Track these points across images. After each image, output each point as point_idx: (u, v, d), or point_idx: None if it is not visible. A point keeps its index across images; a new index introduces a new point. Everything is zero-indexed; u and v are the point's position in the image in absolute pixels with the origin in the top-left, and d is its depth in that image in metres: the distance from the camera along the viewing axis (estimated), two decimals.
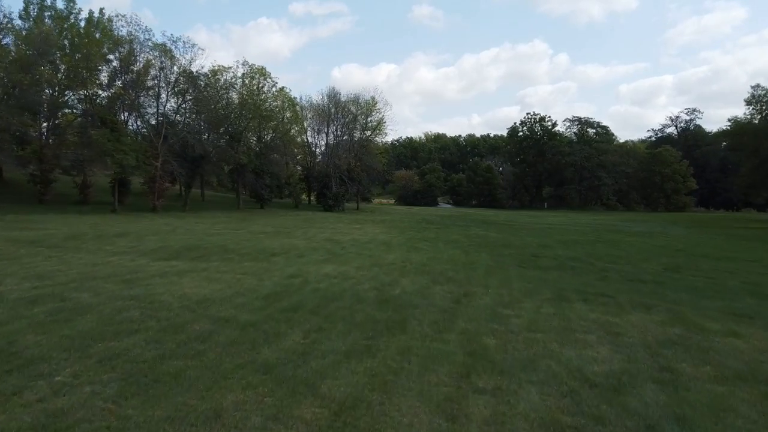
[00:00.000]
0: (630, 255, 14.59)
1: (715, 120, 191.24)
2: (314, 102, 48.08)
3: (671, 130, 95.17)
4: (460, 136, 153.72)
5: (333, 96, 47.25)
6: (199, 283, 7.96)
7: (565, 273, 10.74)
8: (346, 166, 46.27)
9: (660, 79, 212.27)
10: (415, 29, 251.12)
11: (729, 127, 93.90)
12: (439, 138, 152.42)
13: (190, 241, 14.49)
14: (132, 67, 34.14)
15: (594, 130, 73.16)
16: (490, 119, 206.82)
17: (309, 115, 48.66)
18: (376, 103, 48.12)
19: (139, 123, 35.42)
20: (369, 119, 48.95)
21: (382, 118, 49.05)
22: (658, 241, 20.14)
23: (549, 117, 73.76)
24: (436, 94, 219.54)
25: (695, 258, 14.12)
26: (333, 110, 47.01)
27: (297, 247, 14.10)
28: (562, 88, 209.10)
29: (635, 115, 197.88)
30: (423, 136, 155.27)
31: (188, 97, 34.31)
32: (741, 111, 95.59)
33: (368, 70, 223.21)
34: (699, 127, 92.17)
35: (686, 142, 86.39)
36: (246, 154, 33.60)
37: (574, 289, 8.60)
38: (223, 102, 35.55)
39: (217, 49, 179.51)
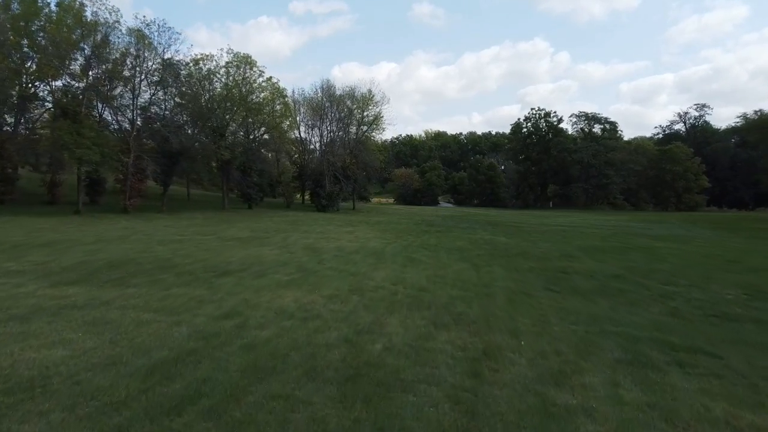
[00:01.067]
0: (680, 270, 11.68)
1: (716, 118, 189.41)
2: (308, 95, 45.18)
3: (679, 126, 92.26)
4: (461, 133, 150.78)
5: (327, 89, 44.36)
6: (59, 337, 5.04)
7: (617, 302, 7.83)
8: (341, 164, 43.38)
9: (661, 77, 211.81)
10: (416, 28, 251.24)
11: (738, 123, 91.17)
12: (439, 136, 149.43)
13: (129, 253, 11.59)
14: (106, 55, 31.36)
15: (601, 126, 70.11)
16: (491, 118, 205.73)
17: (302, 110, 45.74)
18: (373, 96, 45.23)
19: (116, 116, 32.53)
20: (366, 114, 46.05)
21: (379, 113, 46.16)
22: (698, 249, 17.22)
23: (554, 112, 70.77)
24: (436, 92, 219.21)
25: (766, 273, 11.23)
26: (327, 104, 44.09)
27: (262, 261, 11.21)
28: (562, 87, 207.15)
29: (636, 114, 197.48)
30: (423, 134, 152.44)
31: (167, 88, 31.42)
32: (744, 108, 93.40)
33: (369, 69, 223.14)
34: (707, 123, 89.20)
35: (695, 139, 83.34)
36: (229, 149, 30.59)
37: (648, 337, 5.69)
38: (206, 93, 32.62)
39: (216, 48, 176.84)
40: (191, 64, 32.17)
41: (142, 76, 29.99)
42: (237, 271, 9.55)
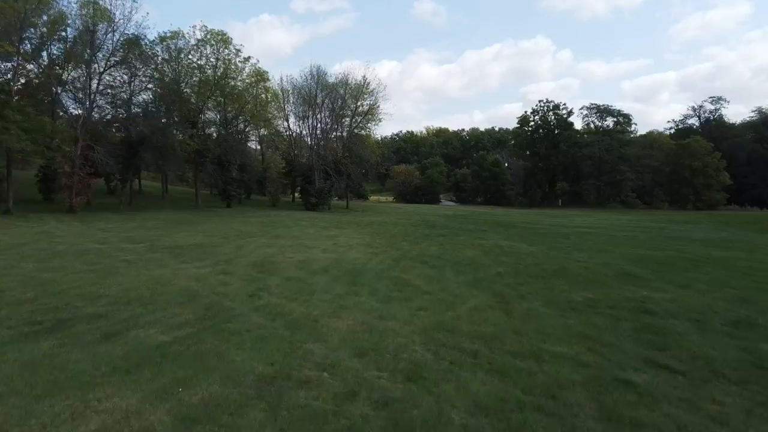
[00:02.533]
0: None
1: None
2: (297, 83, 40.79)
3: (692, 121, 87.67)
4: (463, 129, 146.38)
5: (318, 76, 40.04)
6: None
7: None
8: (333, 158, 39.18)
9: (663, 75, 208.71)
10: (417, 25, 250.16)
11: (753, 118, 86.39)
12: (441, 132, 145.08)
13: None
14: (62, 33, 27.30)
15: (614, 119, 65.65)
16: (492, 116, 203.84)
17: (292, 99, 41.48)
18: (368, 84, 40.98)
19: (74, 101, 28.37)
20: (360, 103, 41.81)
21: (375, 103, 41.93)
22: None
23: (563, 104, 66.39)
24: (437, 90, 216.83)
25: None
26: (318, 92, 39.80)
27: (160, 291, 7.04)
28: (564, 85, 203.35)
29: (638, 112, 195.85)
30: (424, 131, 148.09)
31: (131, 69, 27.24)
32: (746, 107, 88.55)
33: (370, 67, 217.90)
34: (722, 117, 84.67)
35: (710, 134, 78.81)
36: (195, 137, 26.33)
37: None
38: (175, 75, 28.41)
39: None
40: (158, 41, 27.97)
41: (98, 54, 25.83)
42: (83, 320, 5.36)
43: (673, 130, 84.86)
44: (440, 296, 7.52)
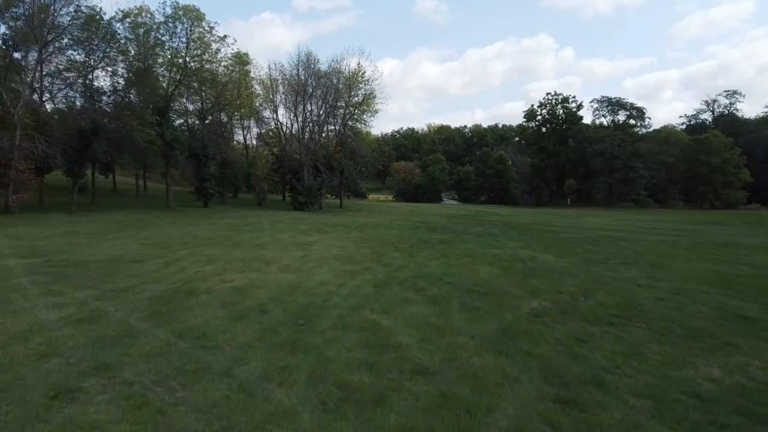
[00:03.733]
0: None
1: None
2: (286, 72, 37.06)
3: (706, 116, 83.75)
4: (465, 126, 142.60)
5: (307, 63, 36.34)
6: None
7: None
8: (324, 152, 35.63)
9: (666, 73, 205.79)
10: (419, 24, 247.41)
11: None
12: (442, 129, 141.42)
13: None
14: (16, 9, 23.84)
15: (627, 113, 61.82)
16: (494, 115, 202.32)
17: (281, 89, 37.84)
18: (363, 72, 37.36)
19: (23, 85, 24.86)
20: (354, 93, 38.18)
21: (371, 91, 38.30)
22: None
23: (573, 97, 62.55)
24: (439, 89, 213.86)
25: None
26: (307, 80, 36.13)
27: None
28: (566, 83, 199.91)
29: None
30: (426, 128, 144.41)
31: (89, 48, 23.71)
32: (749, 105, 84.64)
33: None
34: (735, 112, 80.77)
35: (725, 129, 74.96)
36: (154, 126, 22.70)
37: None
38: (144, 56, 24.85)
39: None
40: (119, 18, 24.43)
41: (46, 31, 22.31)
42: None
43: (684, 126, 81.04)
44: (446, 379, 3.99)
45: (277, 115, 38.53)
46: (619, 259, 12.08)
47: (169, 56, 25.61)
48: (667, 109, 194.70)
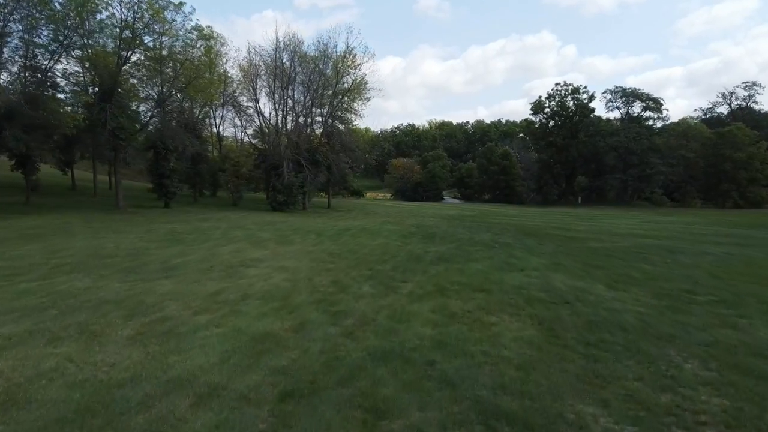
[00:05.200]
0: None
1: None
2: (267, 56, 32.62)
3: (722, 109, 79.02)
4: (467, 122, 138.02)
5: (292, 47, 31.93)
6: None
7: None
8: (308, 145, 31.38)
9: (669, 71, 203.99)
10: (421, 21, 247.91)
11: None
12: (444, 125, 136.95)
13: None
14: None
15: (643, 104, 57.24)
16: (497, 112, 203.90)
17: (263, 75, 33.47)
18: (354, 55, 33.05)
19: None
20: (345, 79, 33.92)
21: (362, 78, 34.02)
22: None
23: (584, 87, 58.02)
24: (441, 86, 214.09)
25: None
26: (293, 64, 31.77)
27: None
28: (569, 81, 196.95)
29: None
30: (427, 124, 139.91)
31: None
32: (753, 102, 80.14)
33: (373, 63, 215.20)
34: (754, 105, 76.09)
35: (744, 122, 70.36)
36: (72, 108, 18.38)
37: None
38: (75, 22, 20.57)
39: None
40: None
41: None
42: None
43: (698, 120, 76.39)
44: None
45: (258, 105, 34.30)
46: (707, 293, 7.81)
47: (116, 27, 21.36)
48: (671, 106, 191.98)
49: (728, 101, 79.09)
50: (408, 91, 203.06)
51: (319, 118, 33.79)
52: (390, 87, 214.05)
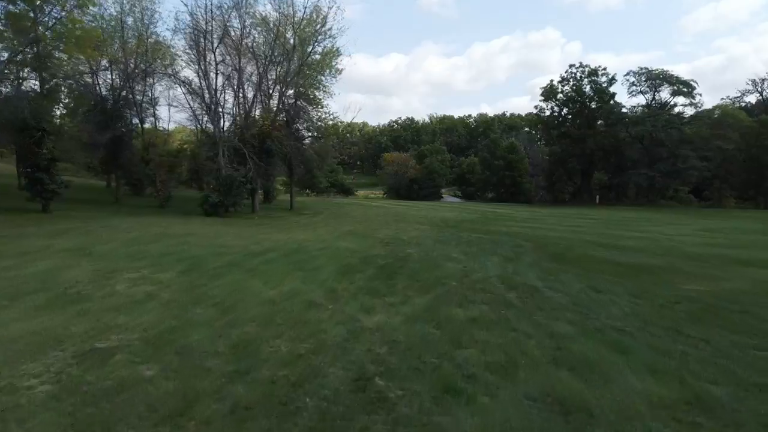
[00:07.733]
0: None
1: None
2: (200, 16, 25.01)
3: (751, 98, 71.02)
4: (470, 116, 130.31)
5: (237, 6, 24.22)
6: None
7: None
8: (258, 130, 24.08)
9: (674, 68, 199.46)
10: (424, 18, 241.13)
11: None
12: (445, 119, 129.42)
13: None
14: None
15: (672, 88, 49.50)
16: (500, 110, 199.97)
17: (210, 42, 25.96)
18: (324, 16, 25.63)
19: None
20: (311, 50, 26.61)
21: (330, 48, 26.72)
22: None
23: (603, 69, 50.37)
24: (444, 83, 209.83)
25: None
26: (235, 24, 24.28)
27: None
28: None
29: None
30: (427, 118, 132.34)
31: None
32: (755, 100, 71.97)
33: (376, 60, 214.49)
34: None
35: None
36: None
37: None
38: None
39: None
40: None
41: None
42: None
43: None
44: None
45: (203, 79, 26.71)
46: None
47: None
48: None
49: (759, 89, 71.21)
50: (411, 88, 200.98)
51: (276, 95, 26.38)
52: (393, 84, 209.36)
